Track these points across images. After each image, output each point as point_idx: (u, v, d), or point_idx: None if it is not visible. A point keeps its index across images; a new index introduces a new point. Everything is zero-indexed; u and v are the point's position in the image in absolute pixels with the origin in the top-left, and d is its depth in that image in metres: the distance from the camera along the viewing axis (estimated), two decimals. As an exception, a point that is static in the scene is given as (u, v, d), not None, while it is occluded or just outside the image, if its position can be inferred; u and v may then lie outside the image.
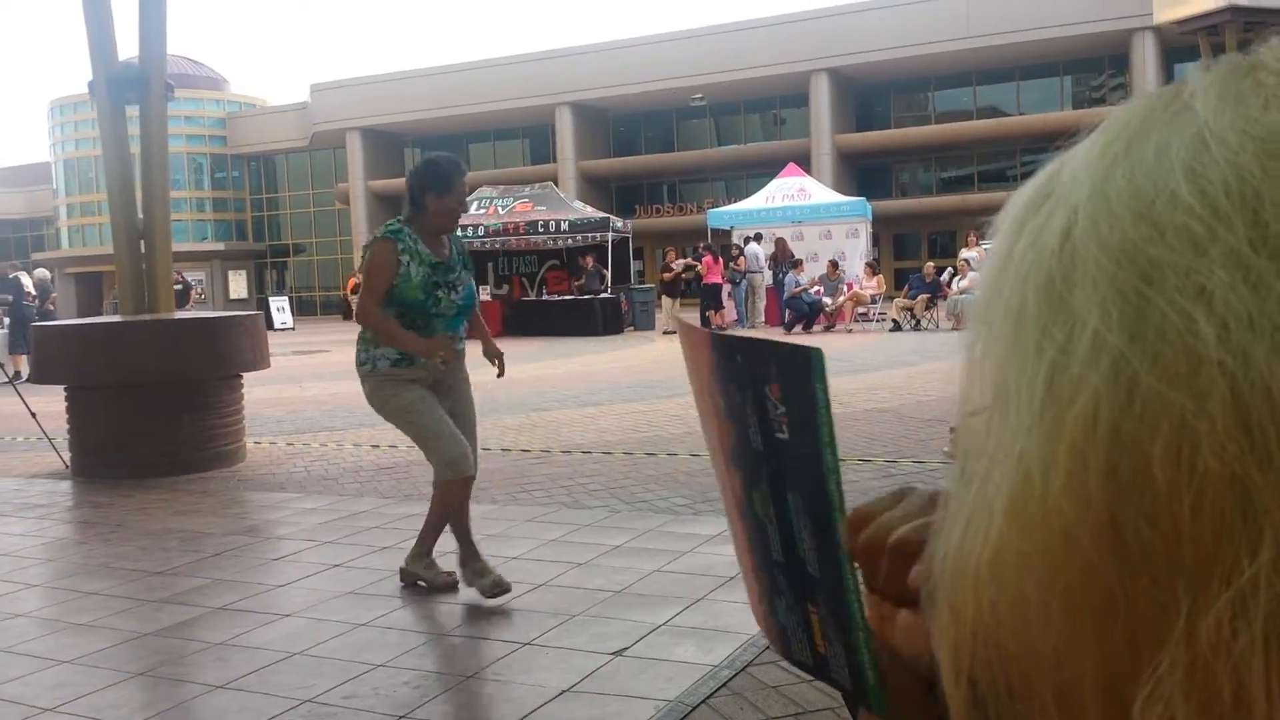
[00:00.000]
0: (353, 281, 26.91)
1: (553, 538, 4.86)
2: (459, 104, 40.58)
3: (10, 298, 15.55)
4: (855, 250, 22.22)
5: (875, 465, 6.34)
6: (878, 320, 19.54)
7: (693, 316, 22.31)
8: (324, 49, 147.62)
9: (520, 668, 3.25)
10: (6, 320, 15.26)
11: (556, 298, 23.33)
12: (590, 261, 22.81)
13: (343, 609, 3.93)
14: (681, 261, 21.90)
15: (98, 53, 7.94)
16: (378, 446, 7.87)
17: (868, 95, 38.42)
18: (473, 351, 4.27)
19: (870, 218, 22.85)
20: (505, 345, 4.60)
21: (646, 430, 8.18)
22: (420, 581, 4.11)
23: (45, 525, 5.72)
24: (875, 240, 25.57)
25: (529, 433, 8.25)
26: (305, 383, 13.47)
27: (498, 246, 25.12)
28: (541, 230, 22.93)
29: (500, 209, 23.88)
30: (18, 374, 12.57)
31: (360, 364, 4.14)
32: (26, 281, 16.24)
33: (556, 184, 29.98)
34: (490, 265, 25.39)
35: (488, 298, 23.03)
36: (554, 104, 39.15)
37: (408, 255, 3.93)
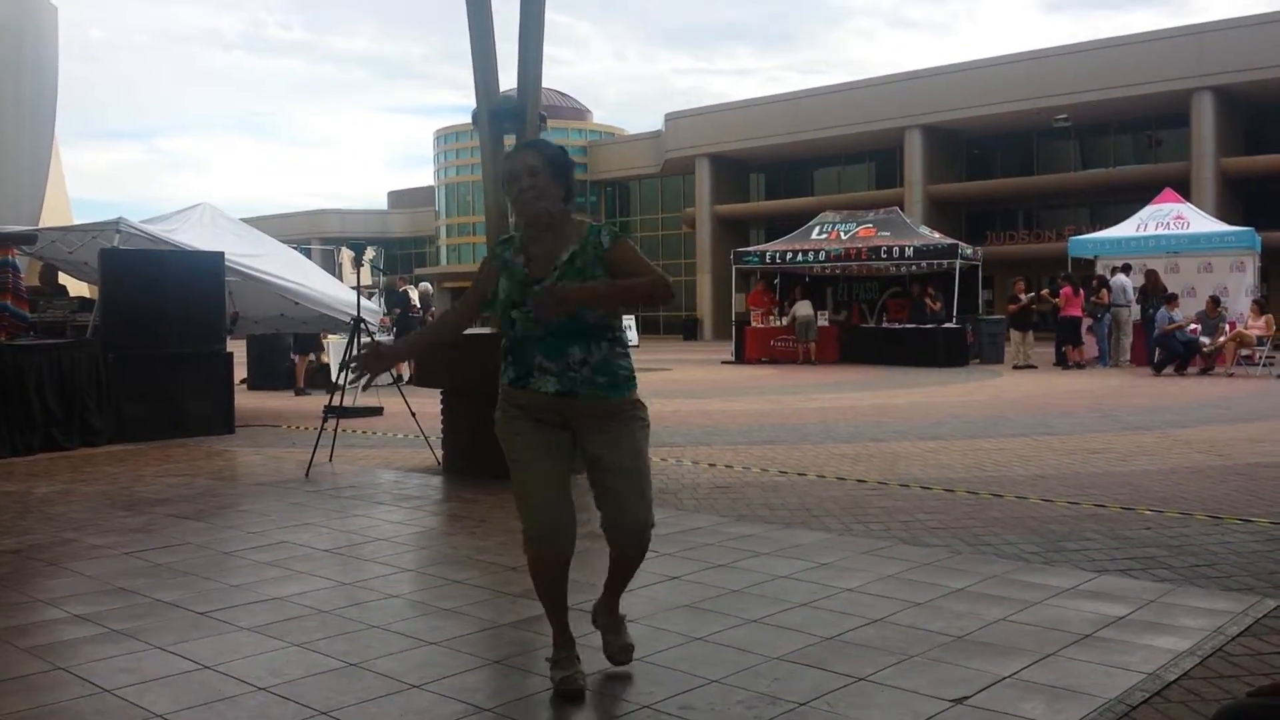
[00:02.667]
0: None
1: (890, 573, 4.72)
2: (805, 129, 40.74)
3: (398, 309, 17.34)
4: (1240, 286, 20.13)
5: (1258, 527, 5.67)
6: (1264, 365, 17.54)
7: (1047, 351, 21.05)
8: (682, 81, 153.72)
9: (854, 702, 3.17)
10: (394, 328, 17.00)
11: (897, 325, 22.80)
12: (917, 290, 22.16)
13: (680, 621, 4.01)
14: (1028, 295, 20.71)
15: (482, 88, 8.67)
16: (714, 465, 8.02)
17: (1259, 115, 34.67)
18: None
19: (1259, 250, 20.59)
20: (842, 373, 4.48)
21: (992, 469, 7.79)
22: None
23: (419, 515, 6.28)
24: (1264, 275, 22.98)
25: (865, 463, 8.10)
26: (646, 399, 13.97)
27: (838, 271, 24.95)
28: (884, 256, 22.53)
29: (842, 234, 23.71)
30: (400, 376, 13.96)
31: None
32: (413, 294, 18.04)
33: (902, 208, 29.36)
34: (829, 290, 25.26)
35: (825, 323, 22.92)
36: (904, 127, 38.39)
37: (503, 270, 3.35)
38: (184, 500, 6.60)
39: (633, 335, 30.95)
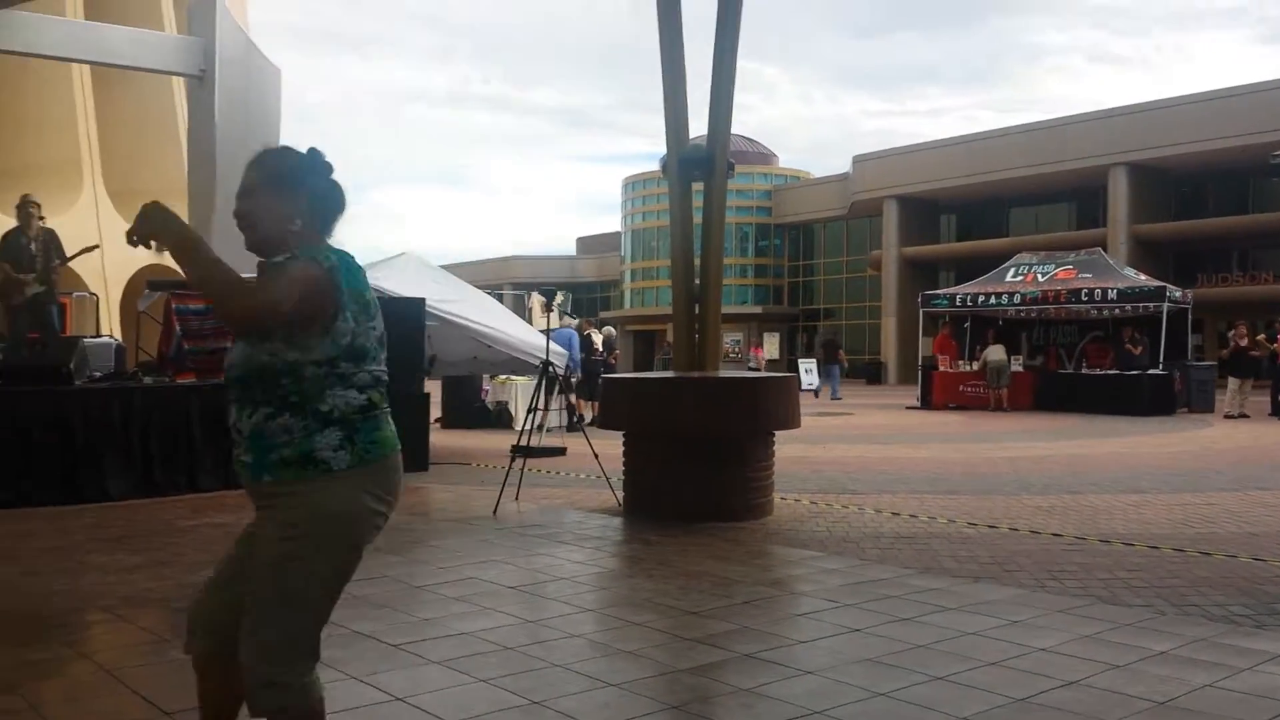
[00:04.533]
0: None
1: (1087, 633, 4.49)
2: (1000, 168, 39.56)
3: (582, 352, 17.76)
4: None
5: None
6: None
7: (1261, 400, 19.64)
8: (870, 123, 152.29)
9: (1046, 771, 3.03)
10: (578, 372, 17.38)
11: (1097, 371, 21.71)
12: (1128, 334, 21.04)
13: (861, 675, 3.93)
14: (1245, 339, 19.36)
15: (673, 135, 8.83)
16: (898, 514, 7.83)
17: None
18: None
19: None
20: (1036, 421, 4.25)
21: (1200, 525, 7.31)
22: None
23: (599, 556, 6.38)
24: None
25: (1061, 516, 7.73)
26: (829, 444, 13.79)
27: (1034, 315, 24.01)
28: (1085, 299, 21.56)
29: (1039, 276, 22.84)
30: (581, 417, 14.26)
31: None
32: (596, 338, 18.45)
33: (1105, 249, 28.04)
34: (1025, 335, 24.33)
35: (1018, 368, 22.06)
36: (1108, 165, 36.74)
37: None
38: (382, 534, 6.90)
39: (812, 379, 30.45)
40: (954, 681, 3.86)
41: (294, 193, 2.53)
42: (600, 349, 18.20)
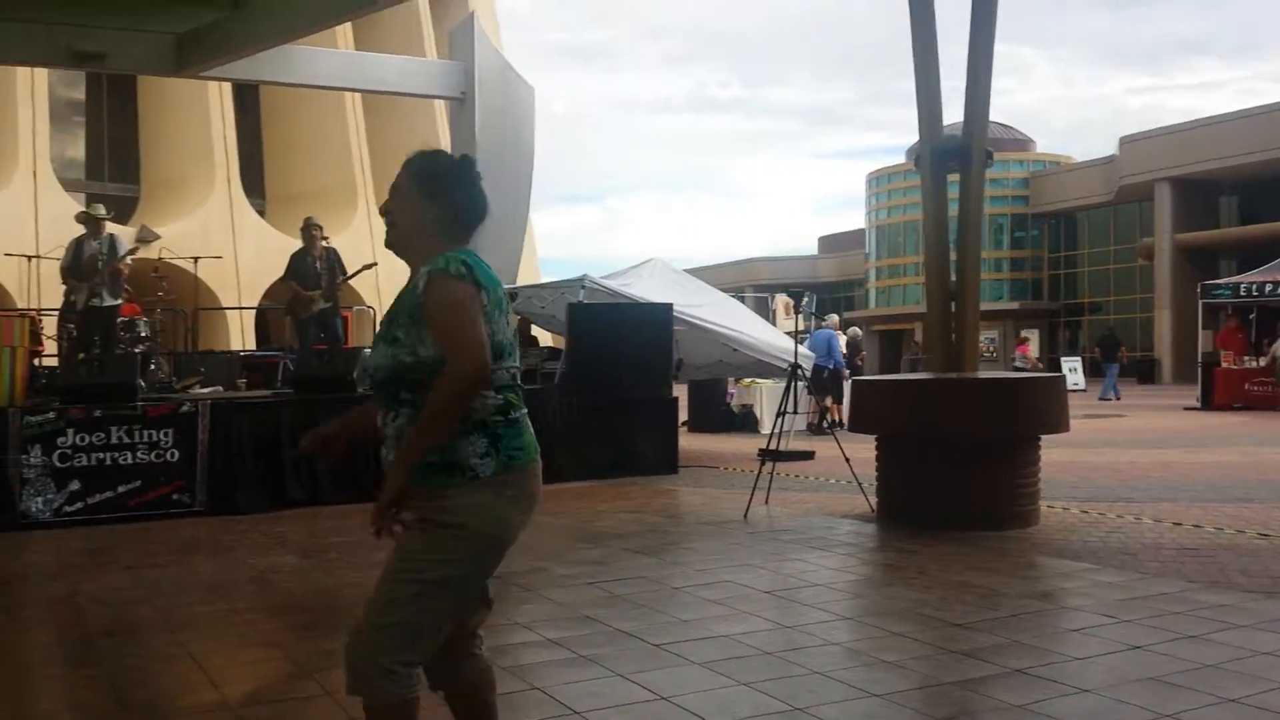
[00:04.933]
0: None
1: None
2: (1287, 145, 35.99)
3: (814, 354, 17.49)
4: None
5: None
6: None
7: None
8: (1136, 100, 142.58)
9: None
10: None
11: None
12: None
13: (1144, 695, 3.68)
14: None
15: (926, 126, 8.55)
16: (1180, 524, 7.27)
17: None
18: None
19: None
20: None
21: None
22: None
23: (853, 563, 6.28)
24: None
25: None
26: (1099, 448, 12.99)
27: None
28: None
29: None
30: (832, 421, 14.08)
31: None
32: (840, 340, 18.16)
33: None
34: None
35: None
36: None
37: None
38: (636, 535, 7.08)
39: (1080, 378, 28.70)
40: (1248, 704, 3.55)
41: (436, 198, 2.57)
42: (844, 351, 17.91)
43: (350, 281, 12.30)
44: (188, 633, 4.78)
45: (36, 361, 9.56)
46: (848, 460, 8.15)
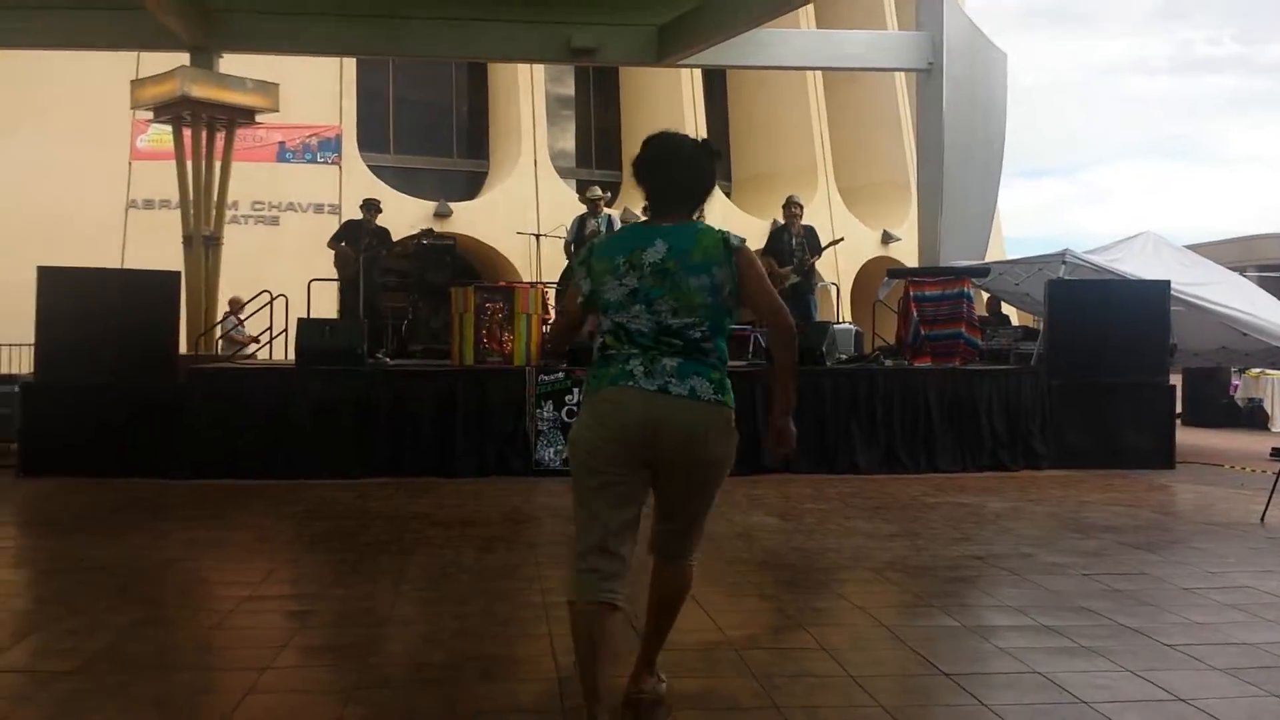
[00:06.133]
0: None
1: None
2: None
3: None
4: None
5: None
6: None
7: None
8: None
9: None
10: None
11: None
12: None
13: None
14: None
15: None
16: None
17: None
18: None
19: None
20: None
21: None
22: None
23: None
24: None
25: None
26: None
27: None
28: None
29: None
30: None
31: (732, 400, 3.13)
32: None
33: None
34: None
35: None
36: None
37: None
38: (1132, 530, 6.55)
39: None
40: None
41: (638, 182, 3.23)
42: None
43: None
44: (688, 578, 5.11)
45: (546, 328, 10.68)
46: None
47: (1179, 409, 14.38)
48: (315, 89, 20.24)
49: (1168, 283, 10.07)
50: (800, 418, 9.21)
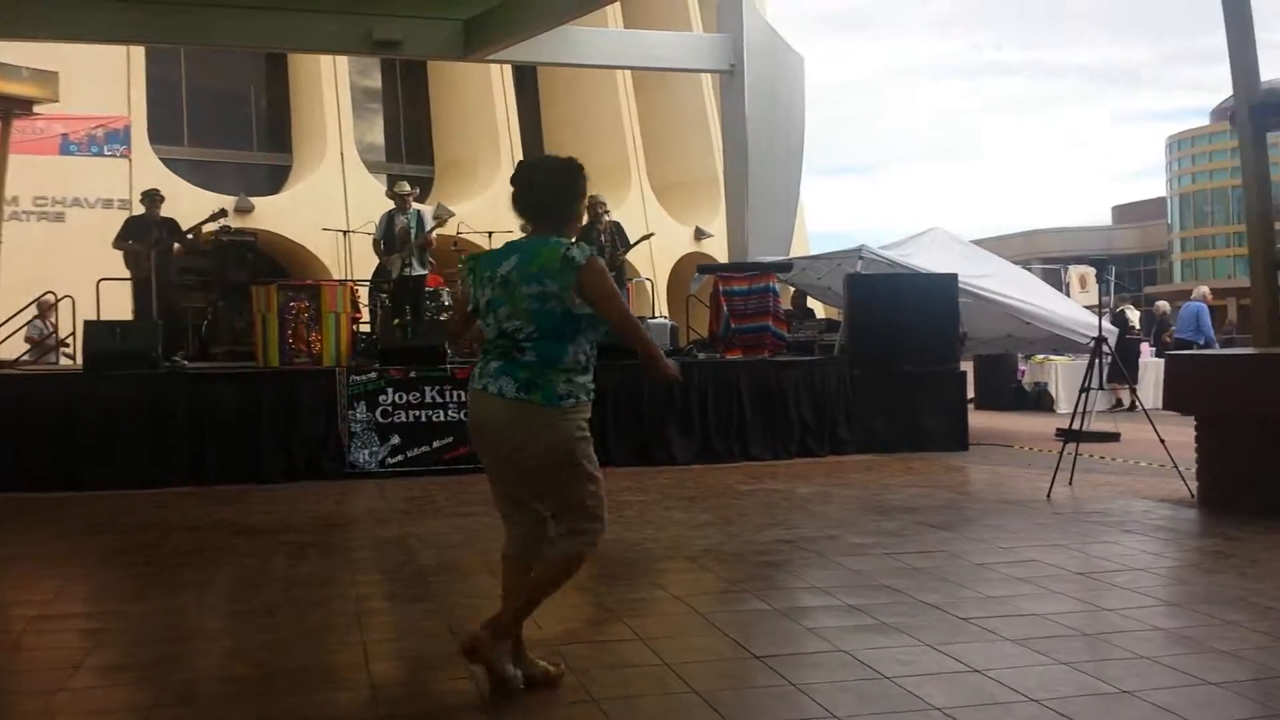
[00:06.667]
0: None
1: None
2: None
3: (1116, 330, 16.35)
4: None
5: None
6: None
7: None
8: None
9: None
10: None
11: None
12: None
13: None
14: None
15: (1240, 81, 7.87)
16: None
17: None
18: None
19: None
20: None
21: None
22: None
23: (1173, 548, 5.87)
24: None
25: None
26: None
27: None
28: None
29: None
30: (1119, 402, 13.18)
31: (560, 398, 3.33)
32: (1132, 315, 16.93)
33: None
34: None
35: None
36: None
37: None
38: (930, 510, 6.91)
39: None
40: None
41: None
42: (1136, 328, 16.68)
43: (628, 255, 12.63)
44: (505, 577, 5.09)
45: (355, 327, 10.41)
46: (1163, 441, 7.57)
47: (971, 394, 15.26)
48: (100, 77, 19.07)
49: (955, 276, 10.66)
50: (619, 412, 9.34)
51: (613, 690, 3.48)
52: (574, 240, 3.43)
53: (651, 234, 12.84)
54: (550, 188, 3.44)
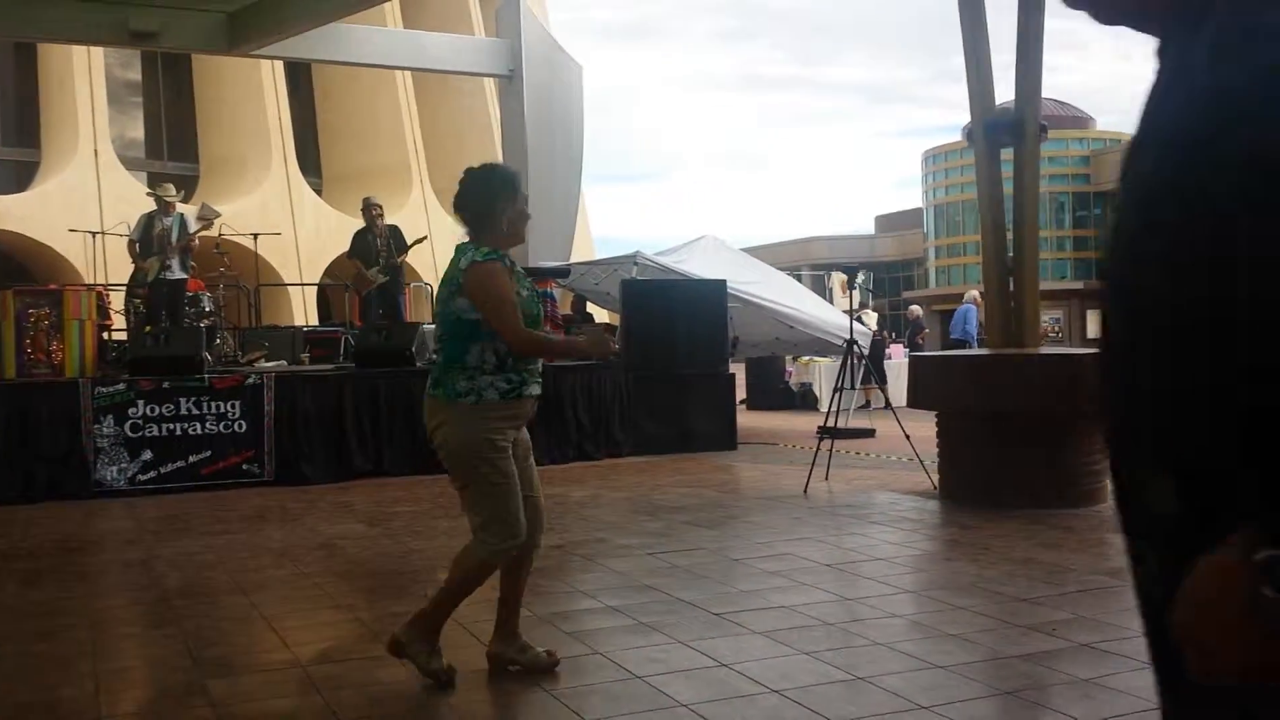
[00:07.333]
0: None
1: None
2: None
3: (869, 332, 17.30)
4: None
5: None
6: None
7: None
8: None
9: None
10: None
11: None
12: None
13: (1216, 672, 3.62)
14: None
15: (977, 101, 8.45)
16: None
17: None
18: None
19: None
20: None
21: None
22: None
23: (915, 538, 6.25)
24: None
25: None
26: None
27: None
28: None
29: None
30: (868, 402, 13.93)
31: (459, 394, 3.48)
32: (870, 319, 17.98)
33: None
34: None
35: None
36: None
37: (516, 278, 3.58)
38: (695, 509, 7.11)
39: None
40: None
41: None
42: (874, 329, 17.76)
43: (409, 259, 12.41)
44: (260, 595, 4.89)
45: (105, 335, 9.76)
46: (908, 437, 8.08)
47: (742, 395, 15.80)
48: None
49: (724, 282, 11.03)
50: (396, 419, 9.10)
51: (359, 711, 3.40)
52: (487, 248, 3.50)
53: (424, 237, 12.63)
54: (470, 194, 3.58)
